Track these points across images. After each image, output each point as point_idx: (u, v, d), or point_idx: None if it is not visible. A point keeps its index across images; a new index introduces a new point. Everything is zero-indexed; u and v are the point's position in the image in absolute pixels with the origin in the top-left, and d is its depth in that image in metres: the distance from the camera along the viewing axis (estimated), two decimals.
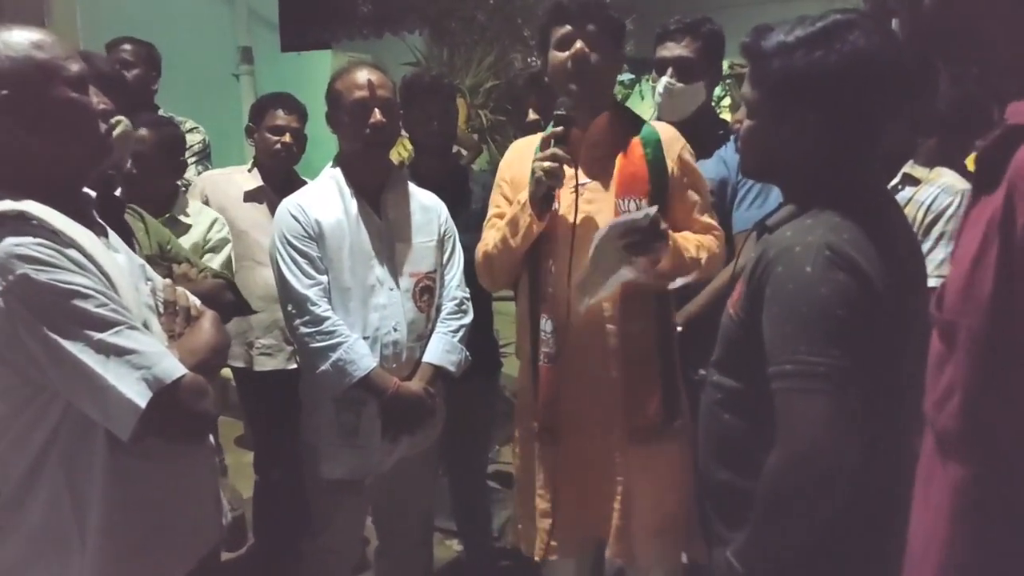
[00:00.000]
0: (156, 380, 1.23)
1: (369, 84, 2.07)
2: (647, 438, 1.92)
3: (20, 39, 1.26)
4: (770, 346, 1.26)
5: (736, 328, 1.38)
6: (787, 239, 1.28)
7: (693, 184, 2.00)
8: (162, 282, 1.51)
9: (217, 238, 2.55)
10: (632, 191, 1.92)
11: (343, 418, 2.12)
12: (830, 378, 1.19)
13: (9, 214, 1.21)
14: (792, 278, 1.23)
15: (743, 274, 1.40)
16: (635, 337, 1.92)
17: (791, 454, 1.22)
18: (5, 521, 1.30)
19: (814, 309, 1.21)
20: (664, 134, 2.00)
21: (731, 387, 1.41)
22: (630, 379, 1.92)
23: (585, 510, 1.98)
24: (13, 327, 1.18)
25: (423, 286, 2.18)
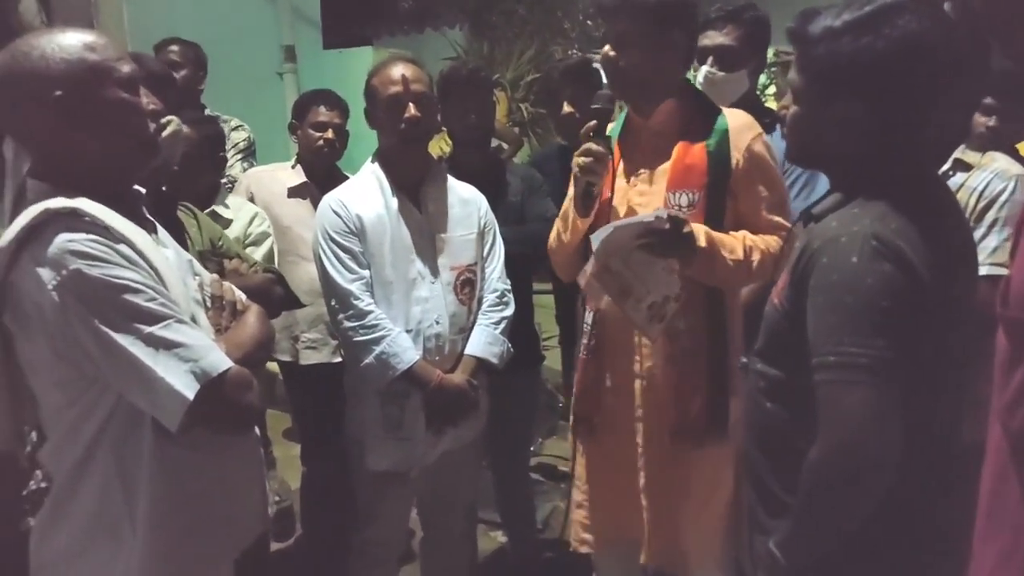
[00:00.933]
0: (203, 373, 1.25)
1: (403, 79, 2.08)
2: (690, 440, 1.87)
3: (73, 41, 1.29)
4: (814, 336, 1.24)
5: (780, 318, 1.36)
6: (832, 229, 1.26)
7: (762, 178, 1.87)
8: (209, 277, 1.53)
9: (258, 232, 2.59)
10: (685, 184, 1.84)
11: (387, 411, 2.14)
12: (873, 370, 1.17)
13: (63, 211, 1.24)
14: (837, 268, 1.22)
15: (787, 263, 1.38)
16: (680, 334, 1.86)
17: (833, 445, 1.21)
18: (59, 508, 1.34)
19: (859, 300, 1.19)
20: (734, 123, 1.89)
21: (774, 376, 1.40)
22: (671, 378, 1.87)
23: (620, 506, 1.97)
24: (67, 320, 1.21)
25: (464, 279, 2.19)
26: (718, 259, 1.77)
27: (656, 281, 1.78)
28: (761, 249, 1.82)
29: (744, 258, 1.79)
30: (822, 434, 1.23)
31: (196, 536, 1.39)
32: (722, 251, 1.77)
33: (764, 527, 1.41)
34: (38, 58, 1.26)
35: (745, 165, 1.85)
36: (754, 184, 1.86)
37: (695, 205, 1.84)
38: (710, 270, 1.78)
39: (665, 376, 1.88)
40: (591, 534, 2.04)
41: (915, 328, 1.19)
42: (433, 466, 2.19)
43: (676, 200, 1.84)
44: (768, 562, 1.34)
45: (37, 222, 1.23)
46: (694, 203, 1.84)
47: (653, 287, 1.78)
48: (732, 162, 1.85)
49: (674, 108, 1.90)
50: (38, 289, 1.21)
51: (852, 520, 1.24)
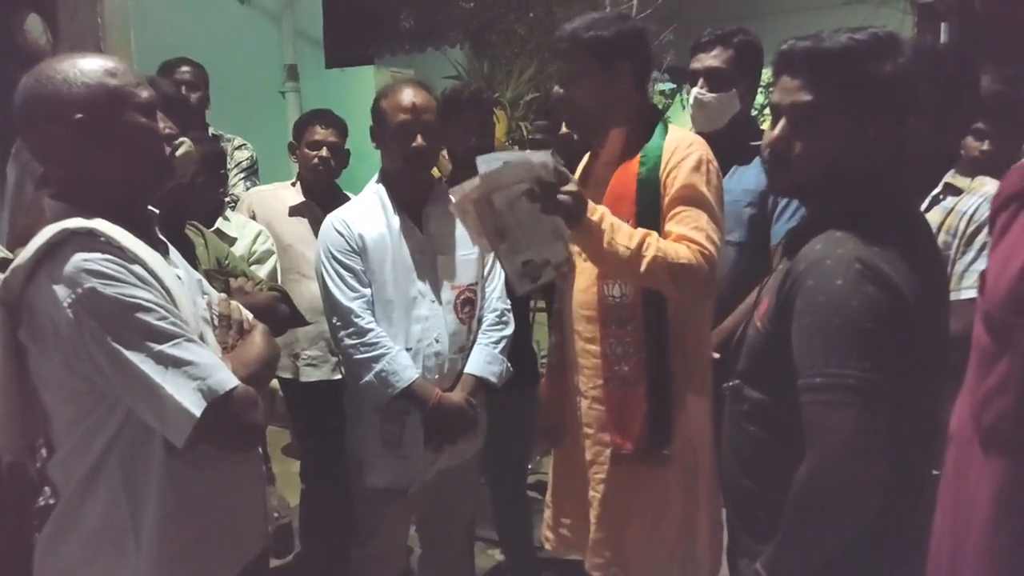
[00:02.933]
0: (210, 391, 1.28)
1: (413, 107, 2.11)
2: (628, 460, 1.90)
3: (94, 66, 1.33)
4: (799, 358, 1.27)
5: (763, 341, 1.38)
6: (817, 252, 1.28)
7: (680, 195, 1.81)
8: (217, 296, 1.56)
9: (262, 250, 2.62)
10: (619, 210, 1.81)
11: (387, 428, 2.16)
12: (859, 391, 1.20)
13: (80, 231, 1.28)
14: (823, 291, 1.24)
15: (769, 286, 1.41)
16: (618, 359, 1.88)
17: (819, 466, 1.23)
18: (66, 520, 1.36)
19: (844, 322, 1.22)
20: (669, 144, 1.86)
21: (756, 399, 1.42)
22: (610, 399, 1.91)
23: (573, 513, 2.06)
24: (80, 337, 1.24)
25: (464, 298, 2.22)
26: (605, 239, 1.69)
27: (540, 238, 1.68)
28: (660, 250, 1.72)
29: (635, 250, 1.70)
30: (810, 455, 1.25)
31: (200, 552, 1.40)
32: (614, 235, 1.69)
33: (749, 551, 1.43)
34: (60, 82, 1.30)
35: (670, 185, 1.82)
36: (673, 202, 1.82)
37: None
38: (596, 248, 1.71)
39: (604, 396, 1.92)
40: (552, 533, 2.13)
41: (899, 350, 1.22)
42: (432, 483, 2.21)
43: None
44: None
45: (55, 241, 1.27)
46: None
47: (534, 242, 1.68)
48: (661, 187, 1.83)
49: (619, 136, 1.94)
50: (53, 306, 1.24)
51: (839, 539, 1.25)
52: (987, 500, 0.94)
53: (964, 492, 0.98)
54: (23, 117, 1.33)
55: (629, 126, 1.93)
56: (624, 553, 1.95)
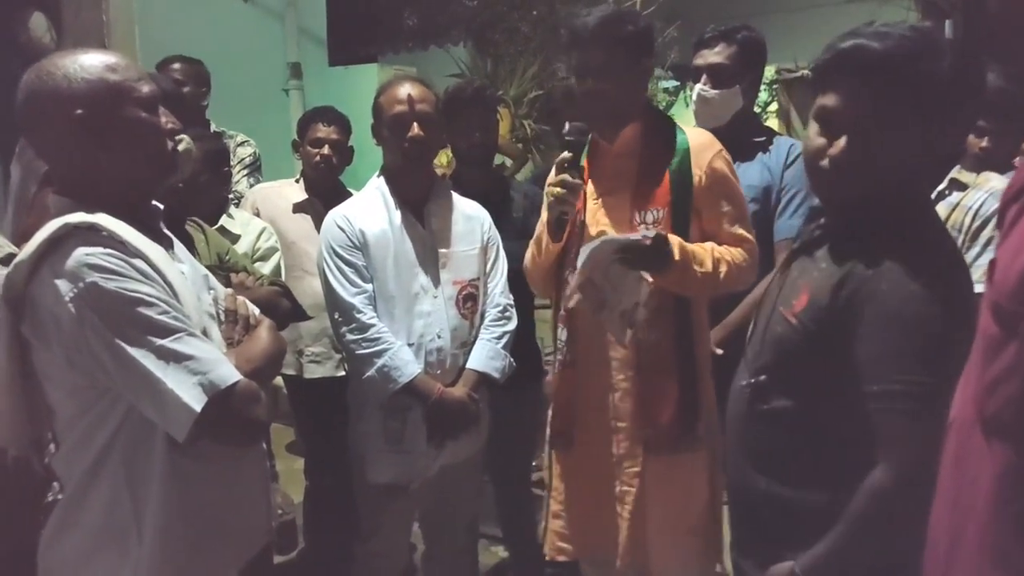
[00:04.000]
0: (211, 385, 1.28)
1: (409, 98, 2.12)
2: (662, 449, 1.92)
3: (95, 62, 1.33)
4: (872, 365, 1.24)
5: (797, 337, 1.35)
6: (880, 257, 1.26)
7: (724, 194, 1.94)
8: (224, 292, 1.56)
9: (266, 247, 2.63)
10: (650, 203, 1.91)
11: (389, 424, 2.16)
12: (935, 398, 1.17)
13: (82, 225, 1.28)
14: (898, 296, 1.22)
15: (810, 283, 1.35)
16: (649, 347, 1.91)
17: (901, 475, 1.21)
18: (69, 514, 1.36)
19: (929, 330, 1.21)
20: (695, 141, 1.96)
21: (781, 395, 1.39)
22: (642, 389, 1.93)
23: (597, 515, 2.01)
24: (82, 331, 1.24)
25: (466, 293, 2.22)
26: (689, 271, 1.83)
27: (628, 289, 1.85)
28: (727, 261, 1.89)
29: (712, 270, 1.86)
30: (890, 463, 1.22)
31: (202, 546, 1.40)
32: (693, 264, 1.83)
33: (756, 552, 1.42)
34: (61, 78, 1.30)
35: (707, 182, 1.92)
36: (717, 200, 1.93)
37: (660, 222, 1.90)
38: (681, 281, 1.85)
39: (637, 388, 1.94)
40: (568, 543, 2.08)
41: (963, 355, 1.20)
42: (434, 480, 2.21)
43: (642, 218, 1.91)
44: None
45: (57, 235, 1.27)
46: (659, 220, 1.90)
47: (625, 295, 1.84)
48: (694, 180, 1.91)
49: (637, 130, 1.97)
50: (55, 300, 1.24)
51: (901, 552, 1.20)
52: (988, 486, 0.93)
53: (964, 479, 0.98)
54: (25, 114, 1.33)
55: (642, 120, 1.98)
56: (659, 546, 1.95)
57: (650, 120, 2.00)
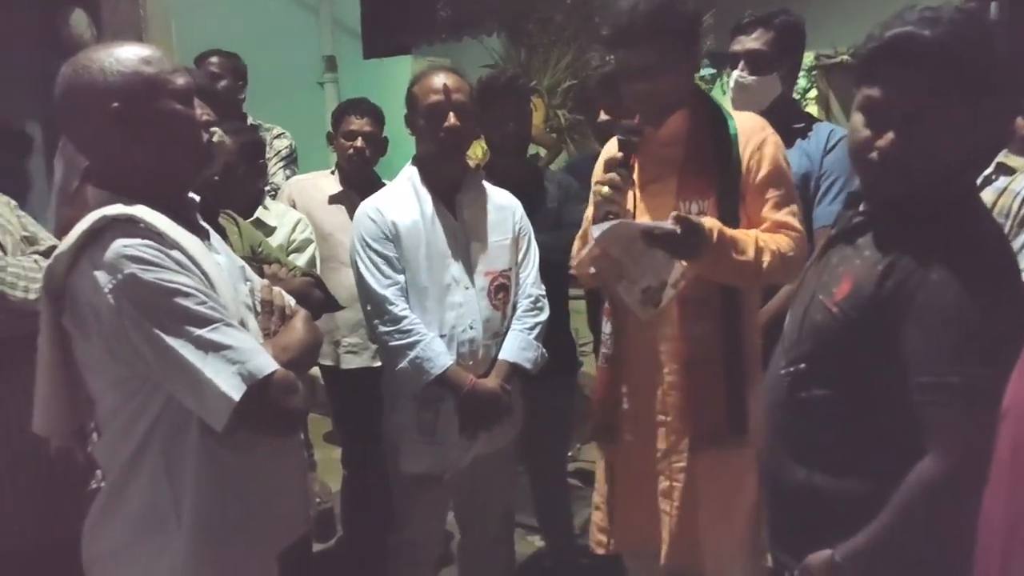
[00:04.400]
0: (250, 375, 1.29)
1: (444, 88, 2.11)
2: (709, 443, 1.88)
3: (130, 55, 1.35)
4: (922, 356, 1.23)
5: (838, 326, 1.33)
6: (932, 247, 1.24)
7: (772, 179, 1.87)
8: (260, 282, 1.58)
9: (301, 238, 2.64)
10: (695, 192, 1.86)
11: (422, 415, 2.17)
12: (986, 390, 1.15)
13: (120, 217, 1.30)
14: (949, 287, 1.21)
15: (852, 271, 1.34)
16: (697, 341, 1.87)
17: (953, 466, 1.20)
18: (110, 502, 1.39)
19: (976, 320, 1.20)
20: (744, 126, 1.90)
21: (821, 384, 1.38)
22: (689, 384, 1.89)
23: (640, 509, 1.98)
24: (121, 322, 1.26)
25: (498, 284, 2.21)
26: (726, 258, 1.75)
27: (654, 265, 1.78)
28: (772, 250, 1.80)
29: (754, 258, 1.77)
30: (939, 454, 1.22)
31: (240, 533, 1.42)
32: (732, 251, 1.76)
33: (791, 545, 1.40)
34: (97, 71, 1.32)
35: (755, 167, 1.86)
36: (764, 185, 1.87)
37: (705, 212, 1.85)
38: (717, 267, 1.77)
39: (684, 382, 1.90)
40: (610, 536, 2.06)
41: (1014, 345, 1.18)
42: (467, 470, 2.21)
43: (687, 208, 1.85)
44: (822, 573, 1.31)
45: (96, 227, 1.29)
46: (704, 210, 1.85)
47: (650, 270, 1.78)
48: (742, 167, 1.86)
49: (684, 118, 1.91)
50: (95, 292, 1.26)
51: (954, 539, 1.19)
52: None
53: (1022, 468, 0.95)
54: (62, 107, 1.35)
55: (690, 107, 1.92)
56: (703, 541, 1.92)
57: (698, 107, 1.94)
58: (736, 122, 1.91)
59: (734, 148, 1.86)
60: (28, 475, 1.60)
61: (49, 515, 1.62)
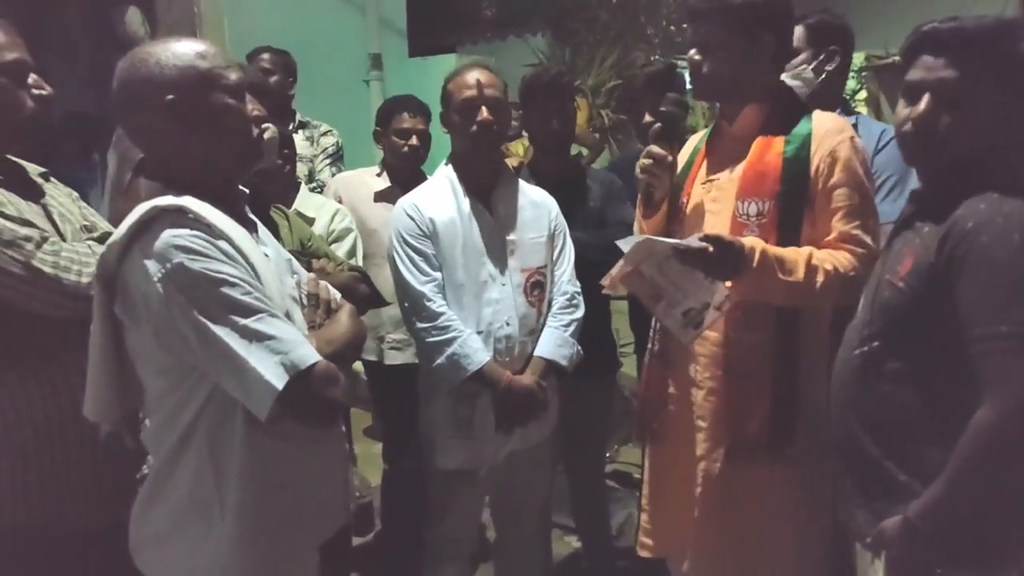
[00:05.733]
0: (292, 365, 1.30)
1: (477, 83, 2.12)
2: (744, 456, 1.80)
3: (186, 49, 1.38)
4: (974, 310, 1.32)
5: (905, 299, 1.41)
6: (983, 212, 1.34)
7: (843, 184, 1.73)
8: (307, 276, 1.59)
9: (340, 227, 2.64)
10: (756, 192, 1.76)
11: (458, 411, 2.18)
12: None
13: (170, 208, 1.32)
14: (1002, 246, 1.30)
15: (911, 247, 1.44)
16: (744, 348, 1.79)
17: (1005, 411, 1.28)
18: (157, 488, 1.41)
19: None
20: (821, 126, 1.78)
21: (893, 358, 1.45)
22: (731, 391, 1.81)
23: (678, 514, 1.94)
24: (169, 310, 1.28)
25: (534, 281, 2.21)
26: (772, 279, 1.66)
27: (695, 287, 1.72)
28: (827, 270, 1.68)
29: (804, 279, 1.66)
30: (995, 399, 1.30)
31: (282, 522, 1.44)
32: (778, 272, 1.66)
33: (875, 508, 1.46)
34: (153, 64, 1.35)
35: (825, 170, 1.73)
36: (833, 191, 1.74)
37: (765, 215, 1.75)
38: (762, 289, 1.68)
39: (723, 388, 1.82)
40: (650, 538, 2.04)
41: None
42: (502, 466, 2.22)
43: (745, 209, 1.77)
44: (900, 537, 1.38)
45: (147, 218, 1.31)
46: (763, 213, 1.75)
47: (691, 293, 1.72)
48: (812, 168, 1.74)
49: (757, 112, 1.83)
50: (145, 280, 1.28)
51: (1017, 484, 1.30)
52: None
53: None
54: (119, 100, 1.38)
55: (766, 102, 1.83)
56: (732, 554, 1.86)
57: (776, 101, 1.84)
58: (814, 122, 1.80)
59: (804, 148, 1.76)
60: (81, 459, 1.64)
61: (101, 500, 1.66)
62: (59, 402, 1.60)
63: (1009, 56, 1.37)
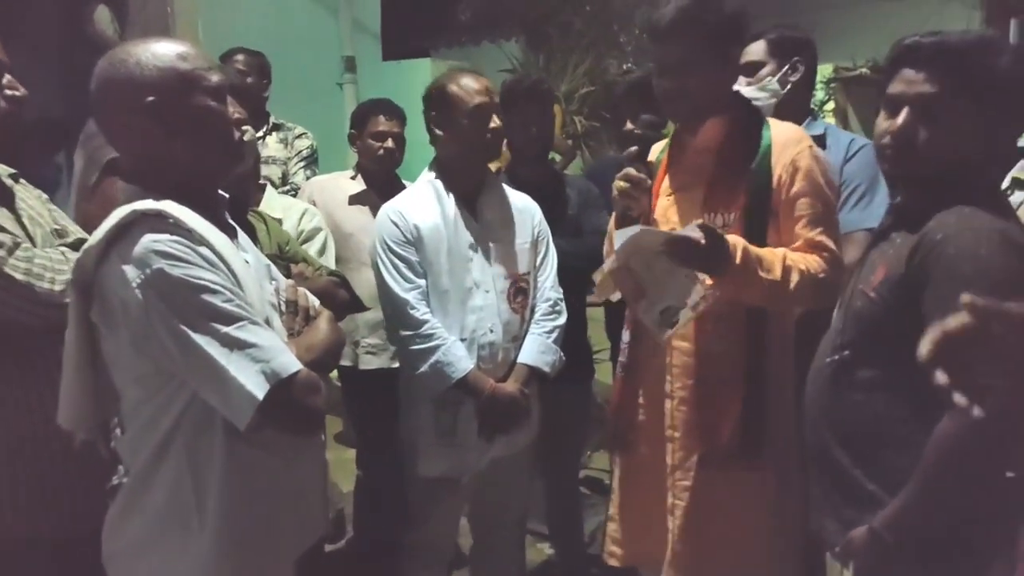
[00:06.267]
0: (273, 373, 1.28)
1: (488, 90, 2.13)
2: (716, 465, 1.83)
3: (166, 50, 1.35)
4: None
5: (877, 310, 1.43)
6: (953, 224, 1.35)
7: (805, 193, 1.77)
8: (285, 282, 1.58)
9: (310, 227, 2.59)
10: (721, 205, 1.80)
11: (440, 417, 2.17)
12: None
13: (150, 212, 1.29)
14: (967, 259, 1.31)
15: (885, 258, 1.45)
16: (714, 357, 1.82)
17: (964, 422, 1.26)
18: (132, 499, 1.38)
19: (992, 290, 1.25)
20: (780, 136, 1.82)
21: (865, 367, 1.46)
22: (700, 399, 1.83)
23: (649, 523, 1.95)
24: (148, 317, 1.25)
25: (518, 287, 2.21)
26: (752, 277, 1.68)
27: (674, 288, 1.75)
28: (801, 269, 1.72)
29: (781, 278, 1.70)
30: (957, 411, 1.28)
31: (261, 533, 1.41)
32: (758, 270, 1.69)
33: (844, 518, 1.46)
34: (133, 65, 1.32)
35: (787, 180, 1.78)
36: (796, 199, 1.78)
37: (730, 226, 1.78)
38: (742, 287, 1.71)
39: (694, 398, 1.85)
40: (620, 548, 2.04)
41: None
42: (484, 473, 2.21)
43: (711, 220, 1.79)
44: (866, 547, 1.39)
45: (126, 222, 1.29)
46: (729, 224, 1.79)
47: (669, 293, 1.75)
48: (774, 179, 1.78)
49: (719, 124, 1.86)
50: (123, 286, 1.26)
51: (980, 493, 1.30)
52: None
53: None
54: (97, 100, 1.35)
55: (726, 115, 1.86)
56: (708, 564, 1.87)
57: (736, 114, 1.87)
58: (772, 132, 1.84)
59: (765, 159, 1.80)
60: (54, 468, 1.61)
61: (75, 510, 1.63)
62: (31, 411, 1.57)
63: (988, 71, 1.38)
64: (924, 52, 1.41)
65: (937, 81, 1.40)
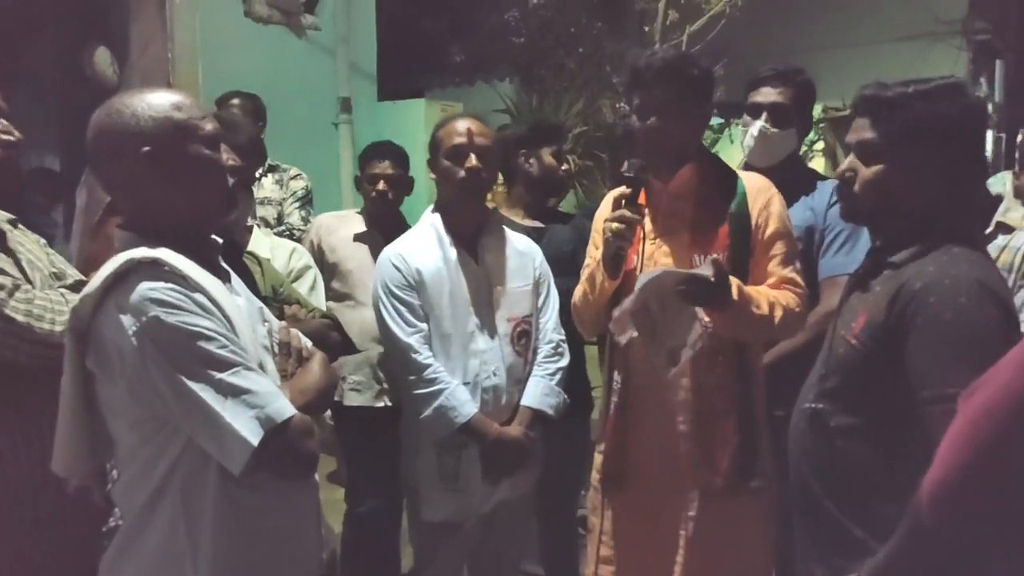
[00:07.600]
0: (268, 419, 1.29)
1: (468, 131, 2.15)
2: (717, 496, 1.89)
3: (161, 101, 1.38)
4: (922, 372, 1.34)
5: (858, 356, 1.44)
6: (932, 273, 1.37)
7: (779, 235, 1.94)
8: (278, 324, 1.59)
9: (300, 265, 2.61)
10: (709, 246, 1.91)
11: (444, 461, 2.16)
12: None
13: (145, 260, 1.31)
14: (948, 308, 1.33)
15: (865, 304, 1.48)
16: (709, 391, 1.90)
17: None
18: (128, 543, 1.38)
19: (974, 338, 1.30)
20: (751, 185, 1.97)
21: (846, 414, 1.47)
22: (700, 434, 1.90)
23: (649, 560, 1.96)
24: (144, 364, 1.26)
25: (520, 330, 2.22)
26: (746, 312, 1.80)
27: (680, 326, 1.82)
28: (783, 305, 1.86)
29: (768, 313, 1.83)
30: None
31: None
32: (750, 305, 1.81)
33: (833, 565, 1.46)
34: (129, 115, 1.35)
35: (763, 223, 1.93)
36: (771, 242, 1.93)
37: None
38: (738, 323, 1.82)
39: (695, 432, 1.91)
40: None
41: None
42: (487, 516, 2.20)
43: (700, 262, 1.88)
44: None
45: (122, 270, 1.30)
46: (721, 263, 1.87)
47: (675, 331, 1.82)
48: (752, 223, 1.93)
49: (693, 172, 1.96)
50: (119, 334, 1.27)
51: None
52: None
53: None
54: (94, 150, 1.37)
55: (698, 163, 1.98)
56: None
57: (705, 162, 2.01)
58: (744, 180, 1.98)
59: (744, 204, 1.93)
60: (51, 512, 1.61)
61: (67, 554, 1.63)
62: (29, 452, 1.58)
63: (930, 119, 1.42)
64: (865, 101, 1.49)
65: (876, 128, 1.46)
